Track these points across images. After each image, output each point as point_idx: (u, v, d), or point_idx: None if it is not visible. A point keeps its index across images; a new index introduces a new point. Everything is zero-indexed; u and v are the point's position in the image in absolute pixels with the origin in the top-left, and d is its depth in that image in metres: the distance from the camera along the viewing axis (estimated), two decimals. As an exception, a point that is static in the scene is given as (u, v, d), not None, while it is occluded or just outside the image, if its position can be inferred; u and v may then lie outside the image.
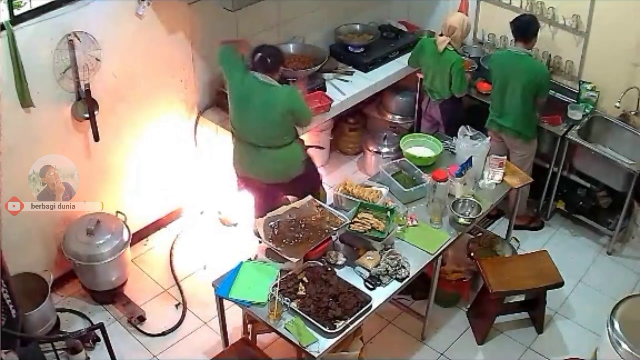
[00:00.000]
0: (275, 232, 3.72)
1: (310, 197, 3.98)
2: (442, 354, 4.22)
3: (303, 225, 3.76)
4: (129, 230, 4.39)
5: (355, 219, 3.80)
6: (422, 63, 4.99)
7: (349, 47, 5.22)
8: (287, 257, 3.58)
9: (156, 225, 4.95)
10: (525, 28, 4.57)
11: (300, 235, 3.70)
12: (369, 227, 3.76)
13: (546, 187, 5.02)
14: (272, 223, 3.75)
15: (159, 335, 4.26)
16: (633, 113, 4.78)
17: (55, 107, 3.97)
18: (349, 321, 3.37)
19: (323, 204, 3.97)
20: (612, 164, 4.62)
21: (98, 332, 3.83)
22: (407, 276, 3.66)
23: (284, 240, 3.67)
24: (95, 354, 4.06)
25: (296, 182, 4.21)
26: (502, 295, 4.15)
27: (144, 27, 4.17)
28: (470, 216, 4.03)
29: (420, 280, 3.96)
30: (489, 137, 4.48)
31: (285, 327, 3.36)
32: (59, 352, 3.84)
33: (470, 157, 4.21)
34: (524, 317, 4.41)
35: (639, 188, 4.62)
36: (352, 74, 5.10)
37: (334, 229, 3.75)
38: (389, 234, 3.78)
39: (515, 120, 4.66)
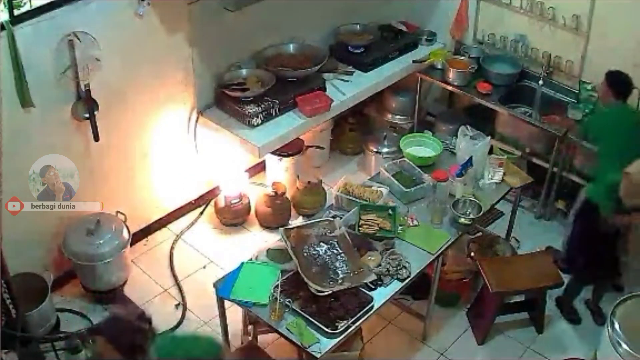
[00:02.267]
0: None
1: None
2: (442, 354, 4.22)
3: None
4: (129, 230, 4.38)
5: (361, 221, 3.81)
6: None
7: (349, 47, 5.21)
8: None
9: (156, 225, 4.94)
10: (628, 85, 4.16)
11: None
12: (377, 228, 3.77)
13: (546, 187, 5.02)
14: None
15: (159, 335, 4.25)
16: (633, 113, 4.78)
17: (55, 107, 3.97)
18: (350, 321, 3.38)
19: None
20: (612, 164, 4.62)
21: (98, 332, 3.81)
22: (408, 276, 3.67)
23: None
24: (96, 354, 4.06)
25: None
26: (502, 295, 4.15)
27: (144, 27, 4.16)
28: (471, 216, 4.03)
29: (421, 280, 3.95)
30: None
31: (286, 328, 3.36)
32: (59, 352, 3.84)
33: (471, 157, 4.21)
34: (524, 317, 4.41)
35: (639, 188, 4.61)
36: (352, 74, 5.10)
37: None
38: (397, 231, 3.80)
39: None
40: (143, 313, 2.72)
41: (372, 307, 3.48)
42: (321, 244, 3.72)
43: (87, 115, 4.05)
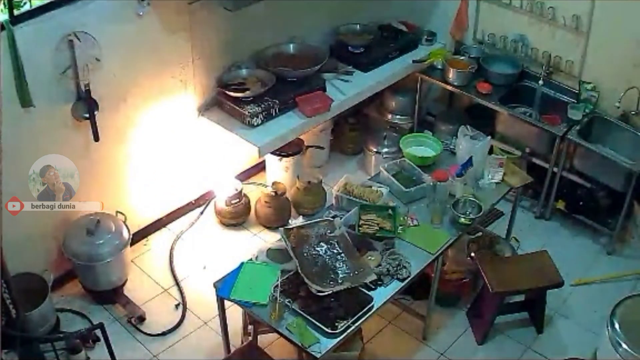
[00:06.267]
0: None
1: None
2: (442, 354, 4.22)
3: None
4: (129, 230, 4.38)
5: (361, 221, 3.81)
6: None
7: (349, 47, 5.21)
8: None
9: (156, 225, 4.94)
10: None
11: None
12: (377, 228, 3.77)
13: (546, 187, 5.02)
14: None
15: (159, 335, 4.26)
16: (633, 113, 4.78)
17: (55, 107, 3.97)
18: (350, 321, 3.37)
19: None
20: (612, 164, 4.62)
21: (98, 332, 3.82)
22: (408, 276, 3.66)
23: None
24: (95, 354, 4.05)
25: None
26: (502, 295, 4.15)
27: (144, 27, 4.16)
28: (471, 216, 4.03)
29: (421, 280, 3.96)
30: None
31: (286, 328, 3.36)
32: (59, 352, 3.84)
33: (471, 157, 4.21)
34: (524, 317, 4.41)
35: (639, 188, 4.62)
36: (352, 74, 5.10)
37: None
38: (397, 231, 3.80)
39: None
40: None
41: (372, 307, 3.48)
42: (321, 244, 3.72)
43: (87, 115, 4.05)
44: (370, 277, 3.58)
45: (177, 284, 4.60)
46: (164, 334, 4.27)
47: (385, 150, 5.40)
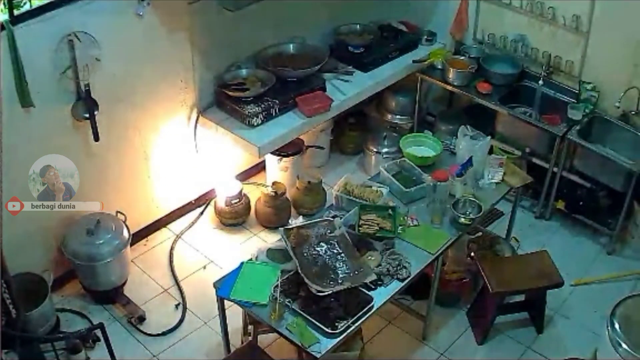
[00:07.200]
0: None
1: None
2: (442, 354, 4.22)
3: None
4: (129, 230, 4.38)
5: (361, 221, 3.81)
6: None
7: (349, 47, 5.21)
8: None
9: (156, 225, 4.94)
10: None
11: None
12: (377, 228, 3.77)
13: (546, 187, 5.02)
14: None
15: (159, 335, 4.26)
16: (633, 113, 4.78)
17: (55, 107, 3.97)
18: (350, 321, 3.38)
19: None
20: (612, 164, 4.62)
21: (98, 332, 3.82)
22: (408, 276, 3.66)
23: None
24: (95, 354, 4.05)
25: None
26: (502, 295, 4.15)
27: (144, 27, 4.16)
28: (471, 216, 4.03)
29: (421, 280, 3.95)
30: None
31: (286, 328, 3.36)
32: (59, 352, 3.85)
33: (471, 157, 4.21)
34: (524, 317, 4.41)
35: (639, 188, 4.62)
36: (352, 74, 5.10)
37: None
38: (397, 231, 3.80)
39: None
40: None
41: (372, 307, 3.48)
42: (321, 244, 3.72)
43: (87, 115, 4.05)
44: (370, 277, 3.58)
45: (177, 284, 4.60)
46: (164, 334, 4.27)
47: (385, 150, 5.40)
